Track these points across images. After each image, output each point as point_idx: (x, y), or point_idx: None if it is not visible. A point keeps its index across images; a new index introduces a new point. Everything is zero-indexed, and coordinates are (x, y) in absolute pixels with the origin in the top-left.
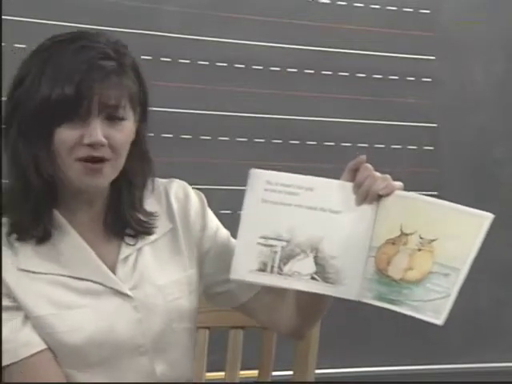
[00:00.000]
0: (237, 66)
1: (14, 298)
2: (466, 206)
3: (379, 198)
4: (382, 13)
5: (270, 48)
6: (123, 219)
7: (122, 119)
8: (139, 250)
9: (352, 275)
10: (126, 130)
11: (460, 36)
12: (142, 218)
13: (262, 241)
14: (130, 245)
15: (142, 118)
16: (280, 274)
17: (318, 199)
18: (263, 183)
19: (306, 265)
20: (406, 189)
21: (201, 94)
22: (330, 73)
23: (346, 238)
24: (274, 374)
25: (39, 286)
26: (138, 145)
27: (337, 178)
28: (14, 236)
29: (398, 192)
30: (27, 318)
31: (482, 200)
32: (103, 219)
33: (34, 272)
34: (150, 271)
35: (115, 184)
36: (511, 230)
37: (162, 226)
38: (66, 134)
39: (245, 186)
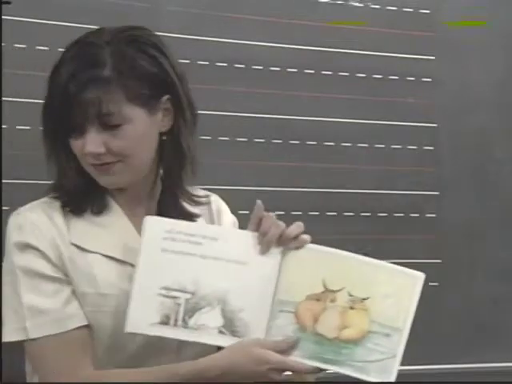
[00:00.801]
0: (237, 66)
1: (65, 271)
2: (467, 206)
3: (287, 246)
4: (381, 13)
5: (269, 48)
6: (164, 209)
7: (118, 125)
8: None
9: (260, 328)
10: (129, 132)
11: (460, 36)
12: (184, 207)
13: (163, 292)
14: None
15: (177, 105)
16: (185, 328)
17: (222, 249)
18: (161, 231)
19: (213, 318)
20: (406, 189)
21: (201, 93)
22: (330, 73)
23: (254, 290)
24: None
25: (87, 263)
26: (172, 135)
27: (336, 178)
28: (68, 209)
29: (309, 245)
30: (74, 292)
31: (481, 200)
32: (151, 203)
33: (83, 248)
34: None
35: (154, 174)
36: (511, 229)
37: None
38: (74, 145)
39: (245, 186)
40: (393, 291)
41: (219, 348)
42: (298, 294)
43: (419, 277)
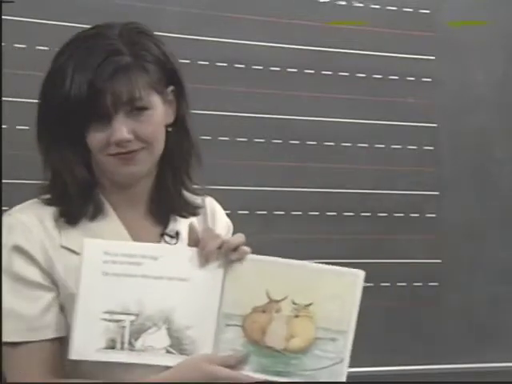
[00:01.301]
0: (237, 66)
1: (50, 276)
2: (467, 206)
3: (228, 260)
4: (382, 13)
5: (269, 48)
6: (166, 199)
7: (146, 109)
8: None
9: (207, 344)
10: (153, 118)
11: (460, 36)
12: (186, 199)
13: (106, 316)
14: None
15: (180, 96)
16: (132, 350)
17: (163, 268)
18: (101, 254)
19: (160, 338)
20: (406, 189)
21: (201, 94)
22: (330, 73)
23: (199, 306)
24: None
25: (76, 264)
26: (178, 124)
27: (336, 178)
28: (63, 220)
29: (251, 256)
30: (56, 299)
31: (481, 200)
32: (147, 204)
33: (73, 251)
34: None
35: (159, 166)
36: (511, 229)
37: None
38: (94, 136)
39: (245, 186)
40: (334, 293)
41: None
42: (243, 306)
43: (359, 274)
